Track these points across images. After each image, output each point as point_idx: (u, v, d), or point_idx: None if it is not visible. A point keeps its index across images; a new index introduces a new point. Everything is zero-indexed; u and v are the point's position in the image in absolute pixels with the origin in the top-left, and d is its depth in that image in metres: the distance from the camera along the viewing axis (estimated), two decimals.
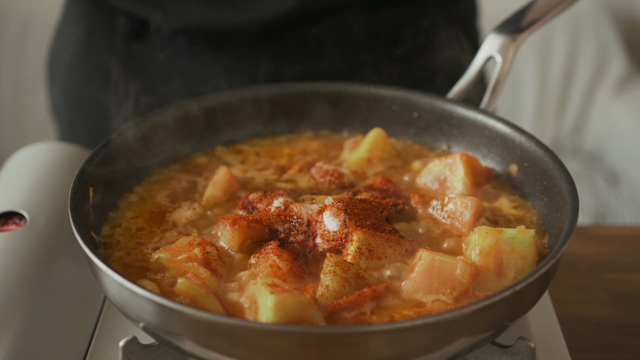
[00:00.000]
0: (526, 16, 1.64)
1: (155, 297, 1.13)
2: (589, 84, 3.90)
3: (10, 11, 3.80)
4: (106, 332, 1.40)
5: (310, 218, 1.36)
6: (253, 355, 1.13)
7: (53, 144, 1.70)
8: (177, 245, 1.32)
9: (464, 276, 1.25)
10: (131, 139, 1.50)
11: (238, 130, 1.64)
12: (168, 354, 1.29)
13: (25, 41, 3.80)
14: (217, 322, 1.11)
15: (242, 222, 1.34)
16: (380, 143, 1.58)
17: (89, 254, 1.22)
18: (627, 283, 1.70)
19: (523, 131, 1.50)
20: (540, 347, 1.39)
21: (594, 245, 1.81)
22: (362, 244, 1.29)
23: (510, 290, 1.15)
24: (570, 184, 1.36)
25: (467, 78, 1.60)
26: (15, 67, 3.82)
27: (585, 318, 1.61)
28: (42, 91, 3.85)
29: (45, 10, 3.83)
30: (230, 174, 1.49)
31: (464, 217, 1.39)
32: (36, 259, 1.44)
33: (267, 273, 1.27)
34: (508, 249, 1.28)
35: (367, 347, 1.11)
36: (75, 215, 1.28)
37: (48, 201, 1.55)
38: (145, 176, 1.53)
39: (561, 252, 1.22)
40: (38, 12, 3.82)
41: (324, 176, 1.51)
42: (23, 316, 1.34)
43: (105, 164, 1.44)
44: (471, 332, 1.16)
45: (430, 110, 1.61)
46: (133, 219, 1.43)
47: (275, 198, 1.41)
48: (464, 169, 1.46)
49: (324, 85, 1.66)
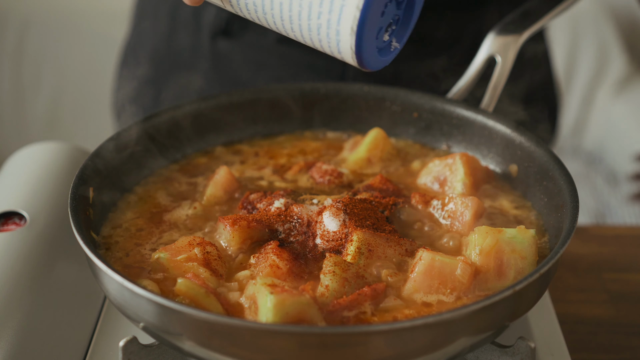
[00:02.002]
0: (526, 16, 1.64)
1: (155, 297, 1.13)
2: (589, 84, 3.90)
3: (10, 11, 3.80)
4: (106, 332, 1.40)
5: (310, 218, 1.36)
6: (253, 355, 1.13)
7: (53, 144, 1.70)
8: (177, 245, 1.32)
9: (464, 276, 1.25)
10: (131, 139, 1.50)
11: (238, 131, 1.64)
12: (168, 354, 1.29)
13: (25, 41, 3.80)
14: (217, 322, 1.11)
15: (242, 222, 1.34)
16: (380, 143, 1.58)
17: (89, 254, 1.22)
18: (627, 283, 1.70)
19: (523, 131, 1.50)
20: (540, 347, 1.39)
21: (594, 245, 1.81)
22: (362, 244, 1.29)
23: (510, 290, 1.15)
24: (570, 184, 1.36)
25: (467, 78, 1.60)
26: (15, 67, 3.82)
27: (585, 318, 1.61)
28: (42, 91, 3.86)
29: (45, 10, 3.83)
30: (230, 174, 1.49)
31: (464, 217, 1.39)
32: (36, 259, 1.44)
33: (267, 273, 1.27)
34: (508, 249, 1.28)
35: (367, 347, 1.11)
36: (75, 215, 1.28)
37: (48, 201, 1.55)
38: (145, 176, 1.53)
39: (561, 252, 1.22)
40: (38, 12, 3.83)
41: (323, 176, 1.51)
42: (23, 316, 1.34)
43: (105, 164, 1.44)
44: (471, 332, 1.16)
45: (430, 110, 1.61)
46: (133, 219, 1.43)
47: (276, 199, 1.41)
48: (464, 169, 1.46)
49: (324, 86, 1.66)
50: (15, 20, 3.79)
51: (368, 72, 1.86)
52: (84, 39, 3.82)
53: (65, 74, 3.85)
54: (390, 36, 1.21)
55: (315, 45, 1.21)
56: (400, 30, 1.23)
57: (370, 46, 1.17)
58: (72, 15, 3.83)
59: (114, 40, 3.13)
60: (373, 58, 1.19)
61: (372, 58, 1.19)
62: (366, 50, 1.16)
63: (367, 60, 1.18)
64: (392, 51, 1.23)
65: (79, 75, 3.84)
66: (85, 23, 3.82)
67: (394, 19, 1.20)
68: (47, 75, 3.85)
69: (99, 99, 3.60)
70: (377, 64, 1.21)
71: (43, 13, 3.82)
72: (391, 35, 1.21)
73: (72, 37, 3.82)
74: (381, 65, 1.22)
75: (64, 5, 3.86)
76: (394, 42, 1.22)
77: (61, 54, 3.83)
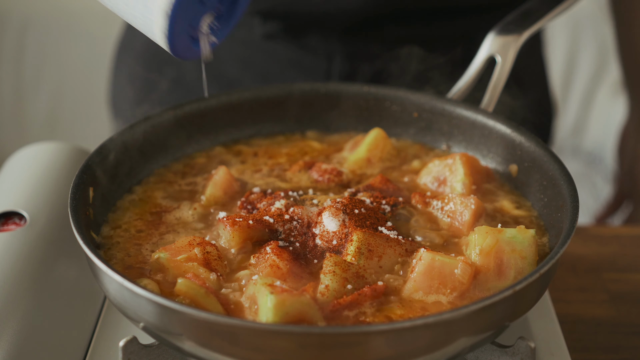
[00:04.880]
0: (526, 16, 1.64)
1: (155, 297, 1.13)
2: (589, 84, 3.90)
3: (10, 11, 3.80)
4: (106, 332, 1.40)
5: (310, 219, 1.36)
6: (253, 355, 1.13)
7: (53, 144, 1.70)
8: (177, 245, 1.32)
9: (464, 276, 1.25)
10: (131, 139, 1.50)
11: (238, 131, 1.64)
12: (168, 354, 1.29)
13: (25, 41, 3.80)
14: (217, 322, 1.11)
15: (242, 222, 1.35)
16: (379, 143, 1.58)
17: (89, 254, 1.22)
18: (627, 283, 1.70)
19: (523, 131, 1.50)
20: (540, 347, 1.39)
21: (594, 245, 1.81)
22: (362, 244, 1.29)
23: (510, 290, 1.15)
24: (570, 184, 1.36)
25: (466, 78, 1.60)
26: (15, 67, 3.82)
27: (585, 318, 1.61)
28: (42, 91, 3.86)
29: (45, 10, 3.83)
30: (229, 174, 1.49)
31: (464, 217, 1.39)
32: (36, 259, 1.44)
33: (267, 273, 1.27)
34: (508, 249, 1.28)
35: (367, 347, 1.11)
36: (75, 215, 1.28)
37: (48, 201, 1.55)
38: (145, 176, 1.53)
39: (561, 252, 1.22)
40: (38, 12, 3.82)
41: (323, 175, 1.51)
42: (23, 316, 1.34)
43: (105, 164, 1.44)
44: (471, 332, 1.16)
45: (430, 110, 1.61)
46: (133, 219, 1.43)
47: (277, 199, 1.41)
48: (464, 170, 1.46)
49: (324, 86, 1.66)
50: (15, 20, 3.79)
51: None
52: (84, 39, 3.81)
53: (65, 74, 3.85)
54: (211, 29, 1.22)
55: (133, 22, 1.21)
56: (221, 26, 1.23)
57: (181, 33, 1.17)
58: (72, 15, 3.83)
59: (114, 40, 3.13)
60: (185, 46, 1.20)
61: (184, 46, 1.19)
62: (178, 36, 1.17)
63: (178, 47, 1.19)
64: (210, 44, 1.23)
65: (79, 75, 3.84)
66: (85, 23, 3.82)
67: (217, 12, 1.20)
68: (47, 75, 3.84)
69: (99, 99, 3.59)
70: (189, 53, 1.21)
71: (43, 13, 3.82)
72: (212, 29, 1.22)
73: (72, 37, 3.82)
74: (194, 56, 1.22)
75: (64, 5, 3.85)
76: (211, 36, 1.23)
77: (61, 54, 3.83)
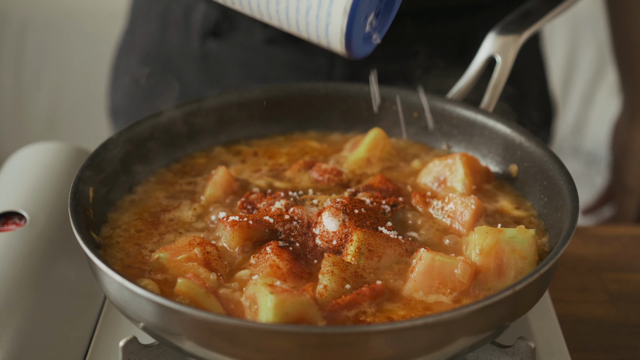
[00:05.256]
0: (526, 16, 1.64)
1: (155, 297, 1.13)
2: (589, 84, 3.90)
3: (10, 11, 3.80)
4: (106, 332, 1.40)
5: (310, 219, 1.36)
6: (253, 355, 1.13)
7: (53, 144, 1.70)
8: (177, 245, 1.32)
9: (464, 276, 1.25)
10: (131, 139, 1.50)
11: (237, 131, 1.64)
12: (168, 354, 1.29)
13: (25, 41, 3.80)
14: (217, 322, 1.11)
15: (242, 222, 1.34)
16: (379, 143, 1.58)
17: (89, 254, 1.22)
18: (627, 283, 1.70)
19: (523, 131, 1.50)
20: (540, 347, 1.39)
21: (594, 245, 1.81)
22: (362, 244, 1.29)
23: (510, 290, 1.15)
24: (570, 184, 1.36)
25: (466, 78, 1.60)
26: (15, 67, 3.82)
27: (585, 318, 1.61)
28: (42, 91, 3.86)
29: (45, 10, 3.83)
30: (229, 174, 1.49)
31: (464, 217, 1.39)
32: (36, 259, 1.44)
33: (267, 273, 1.27)
34: (508, 249, 1.28)
35: (367, 347, 1.11)
36: (75, 215, 1.28)
37: (48, 201, 1.55)
38: (145, 176, 1.53)
39: (561, 252, 1.22)
40: (38, 12, 3.82)
41: (322, 174, 1.51)
42: (23, 316, 1.34)
43: (105, 164, 1.44)
44: (471, 332, 1.16)
45: (430, 111, 1.60)
46: (133, 219, 1.43)
47: (277, 200, 1.41)
48: (464, 170, 1.46)
49: (324, 86, 1.66)
50: (15, 20, 3.79)
51: (353, 59, 1.87)
52: (84, 39, 3.81)
53: (65, 74, 3.85)
54: (371, 28, 1.21)
55: (300, 29, 1.19)
56: (380, 23, 1.23)
57: (359, 30, 1.17)
58: (72, 15, 3.83)
59: (114, 40, 3.13)
60: (360, 43, 1.19)
61: (360, 43, 1.19)
62: (355, 33, 1.16)
63: (355, 45, 1.17)
64: (372, 43, 1.23)
65: (79, 75, 3.84)
66: (85, 23, 3.82)
67: (376, 11, 1.20)
68: (47, 75, 3.84)
69: (99, 100, 3.59)
70: (362, 50, 1.20)
71: (43, 13, 3.82)
72: (372, 27, 1.21)
73: (72, 37, 3.82)
74: (364, 53, 1.21)
75: (64, 5, 3.85)
76: (374, 36, 1.22)
77: (61, 54, 3.83)
